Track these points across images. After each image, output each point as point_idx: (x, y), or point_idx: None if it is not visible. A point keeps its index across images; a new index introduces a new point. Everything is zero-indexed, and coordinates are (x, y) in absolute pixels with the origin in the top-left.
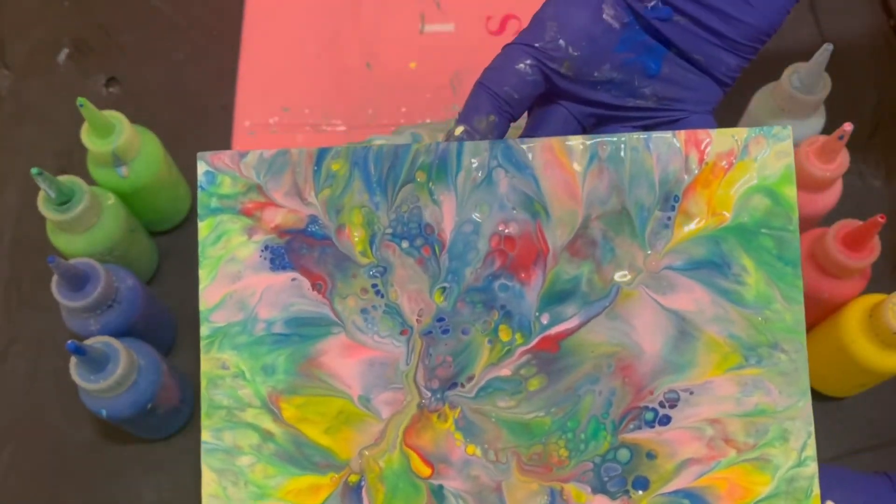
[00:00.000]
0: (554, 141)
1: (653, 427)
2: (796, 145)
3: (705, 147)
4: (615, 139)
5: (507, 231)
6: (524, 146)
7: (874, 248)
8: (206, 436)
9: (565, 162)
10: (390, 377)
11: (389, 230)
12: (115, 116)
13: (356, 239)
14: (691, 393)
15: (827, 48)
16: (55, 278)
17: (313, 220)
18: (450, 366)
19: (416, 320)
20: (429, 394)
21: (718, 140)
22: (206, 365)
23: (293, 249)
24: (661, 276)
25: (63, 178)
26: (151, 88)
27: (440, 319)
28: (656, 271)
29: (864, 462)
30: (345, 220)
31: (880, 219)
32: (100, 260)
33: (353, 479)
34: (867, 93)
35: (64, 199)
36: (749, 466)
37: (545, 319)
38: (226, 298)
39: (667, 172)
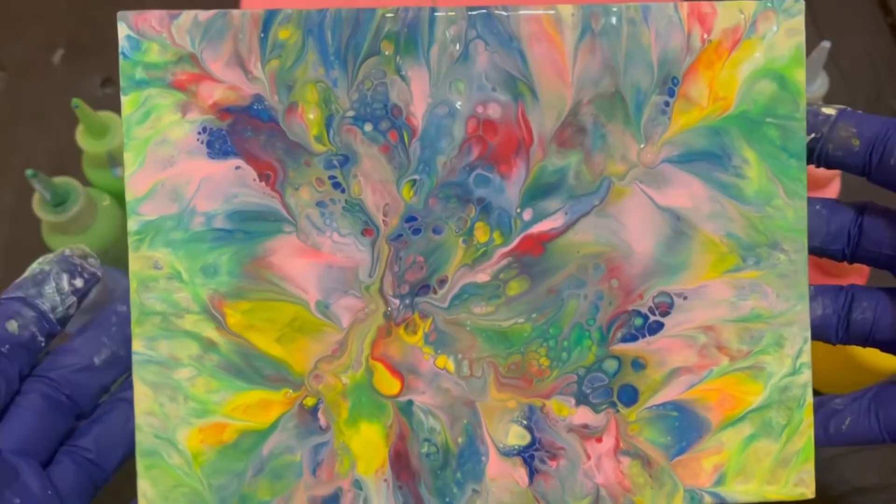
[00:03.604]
0: (540, 9)
1: (643, 335)
2: None
3: (709, 22)
4: (609, 9)
5: (486, 114)
6: (507, 14)
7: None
8: (137, 346)
9: (553, 35)
10: (351, 283)
11: (351, 112)
12: (111, 117)
13: (310, 120)
14: (685, 298)
15: (824, 46)
16: None
17: (258, 98)
18: (421, 267)
19: (383, 221)
20: (397, 302)
21: (724, 14)
22: (136, 264)
23: (237, 132)
24: (657, 171)
25: (58, 180)
26: None
27: (410, 220)
28: (652, 165)
29: (864, 461)
30: (297, 97)
31: None
32: None
33: (310, 402)
34: (865, 90)
35: (59, 201)
36: (741, 375)
37: (527, 215)
38: (157, 187)
39: (666, 51)
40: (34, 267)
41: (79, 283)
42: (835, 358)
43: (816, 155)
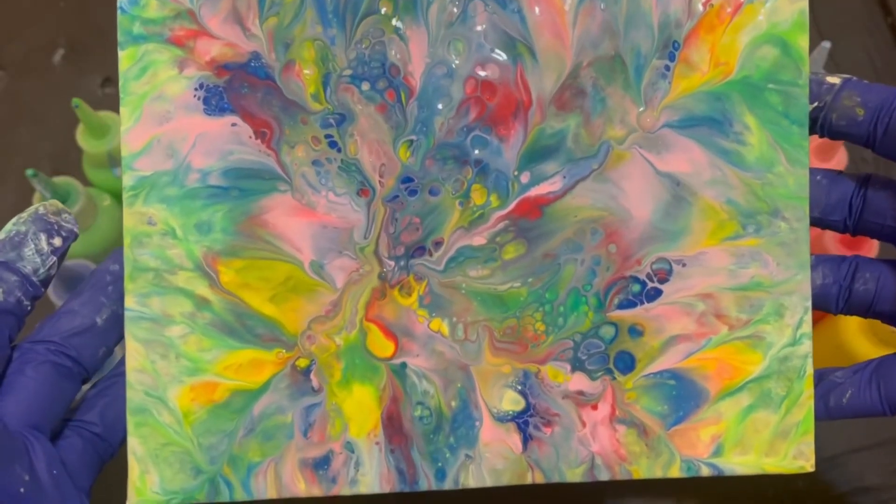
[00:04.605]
0: None
1: (641, 302)
2: None
3: None
4: None
5: (484, 75)
6: None
7: (872, 245)
8: (129, 302)
9: None
10: (346, 243)
11: (348, 71)
12: (111, 117)
13: (307, 77)
14: (683, 265)
15: (824, 46)
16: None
17: (255, 55)
18: (417, 228)
19: (379, 181)
20: (392, 263)
21: None
22: (130, 220)
23: (233, 89)
24: (657, 136)
25: (58, 180)
26: None
27: (406, 180)
28: (652, 130)
29: (863, 461)
30: (294, 55)
31: None
32: (96, 262)
33: (302, 363)
34: None
35: (59, 201)
36: (741, 344)
37: (525, 178)
38: (152, 143)
39: (667, 14)
40: (9, 228)
41: (57, 241)
42: (835, 357)
43: (820, 124)
